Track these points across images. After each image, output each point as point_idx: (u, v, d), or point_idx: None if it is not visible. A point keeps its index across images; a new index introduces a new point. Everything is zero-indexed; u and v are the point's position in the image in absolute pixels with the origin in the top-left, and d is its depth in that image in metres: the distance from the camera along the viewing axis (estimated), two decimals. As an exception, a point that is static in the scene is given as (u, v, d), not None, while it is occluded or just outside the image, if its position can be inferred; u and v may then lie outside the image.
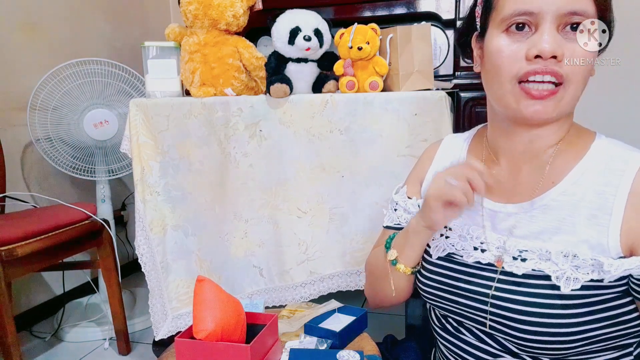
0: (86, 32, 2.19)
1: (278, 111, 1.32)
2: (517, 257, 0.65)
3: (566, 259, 0.60)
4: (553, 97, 0.59)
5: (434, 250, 0.75)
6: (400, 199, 0.82)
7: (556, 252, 0.61)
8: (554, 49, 0.57)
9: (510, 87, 0.61)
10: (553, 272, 0.61)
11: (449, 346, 0.75)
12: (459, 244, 0.72)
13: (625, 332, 0.62)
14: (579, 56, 0.58)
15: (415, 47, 1.30)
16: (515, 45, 0.60)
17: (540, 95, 0.59)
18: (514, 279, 0.64)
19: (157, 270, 1.35)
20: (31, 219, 1.45)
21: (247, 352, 0.73)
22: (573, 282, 0.59)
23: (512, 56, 0.60)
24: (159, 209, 1.35)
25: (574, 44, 0.58)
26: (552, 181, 0.64)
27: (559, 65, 0.58)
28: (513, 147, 0.68)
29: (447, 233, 0.74)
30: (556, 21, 0.58)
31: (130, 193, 2.41)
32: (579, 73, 0.59)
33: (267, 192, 1.36)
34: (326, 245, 1.36)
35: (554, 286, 0.61)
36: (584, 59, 0.58)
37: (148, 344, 1.74)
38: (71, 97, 1.75)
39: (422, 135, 1.29)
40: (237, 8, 1.37)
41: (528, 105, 0.60)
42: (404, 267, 0.76)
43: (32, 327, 1.89)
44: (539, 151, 0.66)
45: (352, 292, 1.41)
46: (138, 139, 1.34)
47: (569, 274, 0.60)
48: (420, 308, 1.34)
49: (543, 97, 0.59)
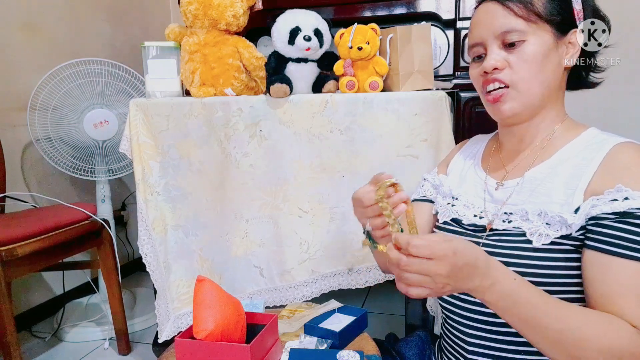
0: (86, 32, 2.19)
1: (278, 111, 1.32)
2: (505, 220, 0.76)
3: (539, 217, 0.70)
4: (505, 97, 0.75)
5: (441, 216, 0.87)
6: (429, 177, 0.96)
7: (532, 212, 0.72)
8: (492, 64, 0.74)
9: (484, 98, 0.79)
10: (528, 229, 0.71)
11: (452, 309, 0.80)
12: (461, 211, 0.84)
13: None
14: (520, 62, 0.73)
15: (415, 47, 1.31)
16: (477, 69, 0.78)
17: (494, 98, 0.75)
18: (498, 237, 0.75)
19: (161, 270, 1.35)
20: (31, 219, 1.45)
21: (247, 352, 0.73)
22: (544, 238, 0.69)
23: (476, 76, 0.79)
24: (160, 208, 1.35)
25: (515, 55, 0.73)
26: (542, 160, 0.76)
27: (503, 73, 0.74)
28: (511, 138, 0.82)
29: (453, 202, 0.86)
30: (497, 41, 0.74)
31: (130, 193, 2.41)
32: (525, 73, 0.73)
33: (267, 192, 1.36)
34: (327, 245, 1.36)
35: (528, 241, 0.70)
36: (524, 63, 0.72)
37: (148, 344, 1.74)
38: (71, 97, 1.75)
39: (422, 135, 1.29)
40: (237, 8, 1.37)
41: (494, 109, 0.77)
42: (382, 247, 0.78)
43: (32, 327, 1.89)
44: (532, 139, 0.79)
45: (352, 292, 1.41)
46: (138, 139, 1.34)
47: (541, 231, 0.69)
48: (420, 308, 1.34)
49: (497, 98, 0.75)
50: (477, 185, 0.84)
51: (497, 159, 0.85)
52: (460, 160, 0.92)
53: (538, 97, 0.74)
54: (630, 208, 0.62)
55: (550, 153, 0.75)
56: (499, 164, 0.83)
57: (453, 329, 0.81)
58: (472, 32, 0.79)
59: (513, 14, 0.73)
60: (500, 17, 0.73)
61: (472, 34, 0.79)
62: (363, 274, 1.37)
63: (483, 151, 0.90)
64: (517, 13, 0.72)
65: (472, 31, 0.79)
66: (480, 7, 0.78)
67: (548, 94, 0.75)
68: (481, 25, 0.77)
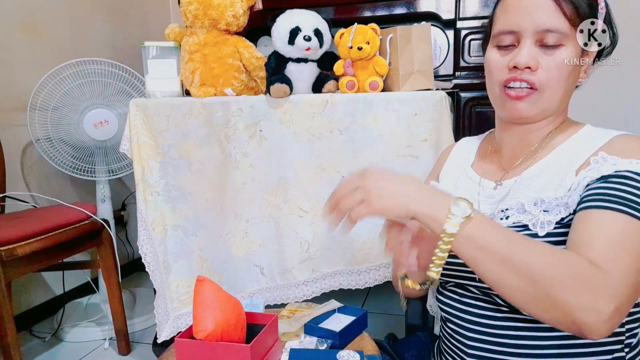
0: (86, 32, 2.19)
1: (278, 111, 1.32)
2: (503, 217, 0.73)
3: (536, 207, 0.69)
4: (528, 98, 0.71)
5: None
6: None
7: (528, 203, 0.70)
8: (527, 62, 0.68)
9: (498, 91, 0.74)
10: (529, 221, 0.68)
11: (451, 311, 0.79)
12: None
13: None
14: (552, 67, 0.69)
15: (415, 47, 1.30)
16: (502, 57, 0.72)
17: (517, 96, 0.71)
18: None
19: (161, 270, 1.35)
20: (31, 219, 1.45)
21: (247, 352, 0.73)
22: (547, 225, 0.67)
23: (499, 66, 0.73)
24: (159, 208, 1.35)
25: (549, 57, 0.69)
26: (540, 158, 0.75)
27: (534, 74, 0.69)
28: (511, 139, 0.79)
29: None
30: (534, 37, 0.69)
31: (131, 193, 2.41)
32: (553, 80, 0.69)
33: (267, 192, 1.36)
34: (327, 244, 1.36)
35: (533, 234, 0.67)
36: (556, 69, 0.69)
37: (148, 344, 1.74)
38: (71, 97, 1.75)
39: (422, 135, 1.29)
40: (237, 8, 1.37)
41: (510, 105, 0.72)
42: (411, 283, 0.80)
43: (32, 327, 1.89)
44: (532, 142, 0.77)
45: (352, 292, 1.41)
46: (138, 139, 1.34)
47: (542, 219, 0.67)
48: (420, 308, 1.34)
49: (520, 97, 0.71)
50: (471, 189, 0.82)
51: (494, 161, 0.83)
52: (452, 167, 0.90)
53: (556, 105, 0.72)
54: (616, 171, 0.63)
55: (548, 151, 0.75)
56: (496, 165, 0.82)
57: (452, 332, 0.80)
58: (507, 16, 0.70)
59: (562, 13, 0.67)
60: (549, 12, 0.67)
61: (506, 17, 0.71)
62: (363, 274, 1.37)
63: (476, 154, 0.88)
64: (566, 13, 0.67)
65: (506, 14, 0.71)
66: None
67: (564, 103, 0.73)
68: (522, 13, 0.68)
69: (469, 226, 0.57)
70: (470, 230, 0.57)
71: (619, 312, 0.54)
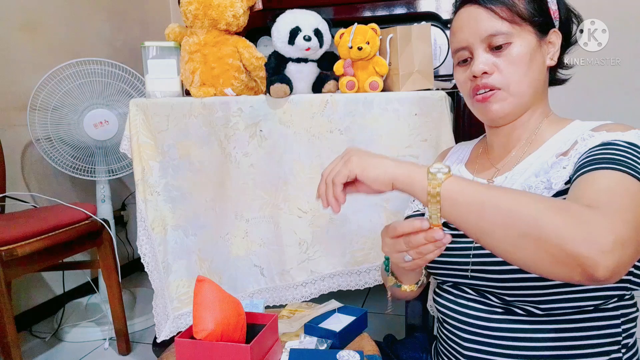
0: (86, 32, 2.19)
1: (278, 111, 1.32)
2: None
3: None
4: (494, 98, 0.75)
5: None
6: None
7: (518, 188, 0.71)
8: (481, 69, 0.74)
9: (471, 101, 0.80)
10: None
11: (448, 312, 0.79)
12: None
13: None
14: (508, 64, 0.74)
15: (415, 47, 1.31)
16: (464, 72, 0.79)
17: (484, 98, 0.76)
18: None
19: (160, 270, 1.35)
20: (31, 219, 1.45)
21: (247, 352, 0.73)
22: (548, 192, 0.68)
23: (463, 80, 0.80)
24: (159, 208, 1.35)
25: (503, 57, 0.74)
26: (530, 153, 0.78)
27: (491, 77, 0.75)
28: (500, 138, 0.83)
29: None
30: (482, 45, 0.75)
31: (130, 193, 2.41)
32: (514, 74, 0.74)
33: (267, 192, 1.36)
34: (326, 245, 1.36)
35: None
36: (512, 65, 0.74)
37: (148, 344, 1.74)
38: (71, 97, 1.75)
39: (422, 135, 1.29)
40: (237, 8, 1.37)
41: (482, 108, 0.77)
42: (408, 287, 0.85)
43: (32, 327, 1.89)
44: (520, 137, 0.80)
45: (352, 292, 1.41)
46: (138, 139, 1.34)
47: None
48: (420, 308, 1.34)
49: (486, 99, 0.76)
50: None
51: (485, 160, 0.86)
52: None
53: (527, 97, 0.76)
54: (603, 141, 0.66)
55: (537, 146, 0.77)
56: (487, 164, 0.85)
57: (448, 332, 0.80)
58: (456, 36, 0.79)
59: (497, 17, 0.73)
60: (485, 21, 0.74)
61: (455, 38, 0.79)
62: (362, 275, 1.37)
63: (469, 156, 0.91)
64: (501, 15, 0.73)
65: (455, 35, 0.79)
66: (461, 11, 0.78)
67: (536, 93, 0.77)
68: (465, 29, 0.77)
69: (450, 184, 0.58)
70: (451, 186, 0.58)
71: (621, 245, 0.50)
